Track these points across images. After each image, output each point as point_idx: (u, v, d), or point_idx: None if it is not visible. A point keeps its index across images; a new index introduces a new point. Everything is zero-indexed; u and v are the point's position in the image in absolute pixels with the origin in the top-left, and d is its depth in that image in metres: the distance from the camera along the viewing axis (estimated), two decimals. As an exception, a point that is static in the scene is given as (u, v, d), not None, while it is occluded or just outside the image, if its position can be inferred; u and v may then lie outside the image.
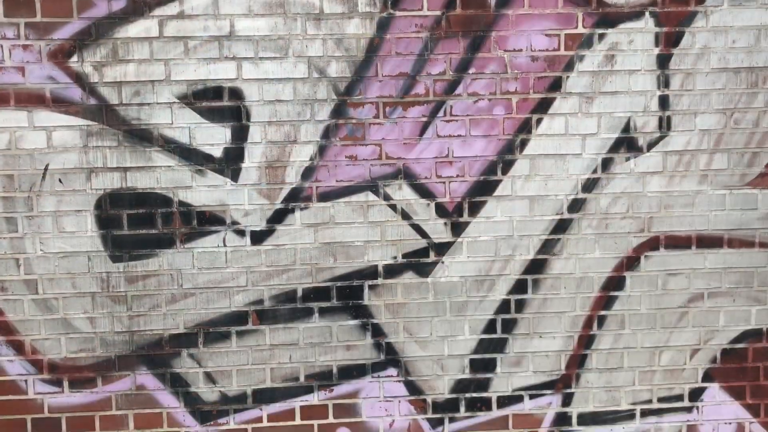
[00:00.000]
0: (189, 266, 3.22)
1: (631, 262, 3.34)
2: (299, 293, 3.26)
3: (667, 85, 3.25)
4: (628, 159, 3.27)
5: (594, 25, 3.20)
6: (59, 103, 3.11)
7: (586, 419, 3.40)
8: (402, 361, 3.32)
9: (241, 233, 3.22)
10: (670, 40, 3.23)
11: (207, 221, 3.20)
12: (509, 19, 3.18)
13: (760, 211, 3.34)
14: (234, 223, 3.21)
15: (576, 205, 3.29)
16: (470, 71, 3.20)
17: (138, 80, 3.12)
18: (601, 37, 3.21)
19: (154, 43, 3.11)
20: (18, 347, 3.20)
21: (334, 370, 3.31)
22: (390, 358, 3.32)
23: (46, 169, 3.13)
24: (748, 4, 3.23)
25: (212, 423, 3.29)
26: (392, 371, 3.32)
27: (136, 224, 3.18)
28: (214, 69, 3.13)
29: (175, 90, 3.13)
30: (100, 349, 3.23)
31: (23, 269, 3.17)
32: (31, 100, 3.10)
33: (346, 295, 3.27)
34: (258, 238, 3.23)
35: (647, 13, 3.21)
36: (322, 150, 3.19)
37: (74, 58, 3.09)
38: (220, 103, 3.15)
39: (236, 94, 3.15)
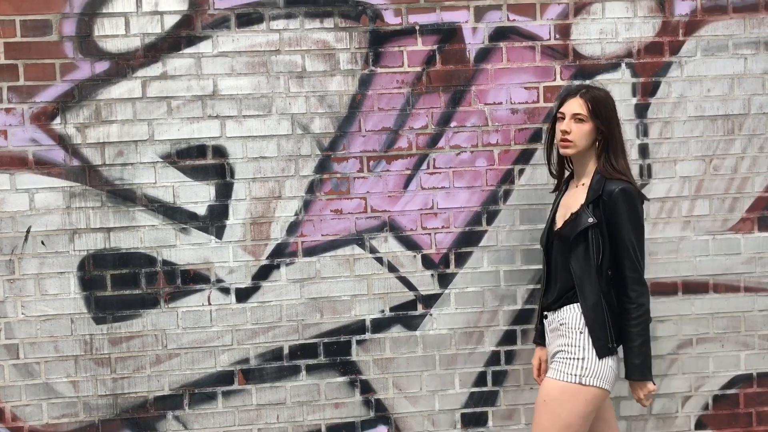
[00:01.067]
0: (173, 326, 3.17)
1: (618, 310, 3.33)
2: (286, 350, 3.22)
3: (646, 133, 3.31)
4: (611, 207, 3.30)
5: (572, 77, 3.27)
6: (42, 165, 3.10)
7: (580, 472, 3.34)
8: (392, 417, 3.27)
9: (225, 291, 3.19)
10: (647, 90, 3.30)
11: (191, 280, 3.17)
12: (488, 74, 3.24)
13: (744, 256, 3.36)
14: (219, 281, 3.19)
15: (561, 254, 3.29)
16: (452, 124, 3.24)
17: (121, 140, 3.13)
18: (579, 88, 3.27)
19: (137, 103, 3.13)
20: (-2, 414, 3.13)
21: (323, 429, 3.25)
22: (380, 415, 3.26)
23: (28, 231, 3.11)
24: (720, 55, 3.31)
25: (199, 488, 3.20)
26: (382, 429, 3.26)
27: (120, 285, 3.15)
28: (197, 128, 3.15)
29: (158, 149, 3.14)
30: (83, 414, 3.15)
31: (4, 334, 3.11)
32: (13, 162, 3.09)
33: (333, 351, 3.23)
34: (243, 295, 3.20)
35: (623, 65, 3.28)
36: (307, 205, 3.19)
37: (57, 120, 3.10)
38: (203, 161, 3.16)
39: (220, 151, 3.16)
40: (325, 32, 3.17)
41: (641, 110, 3.30)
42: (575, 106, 2.71)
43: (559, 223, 2.78)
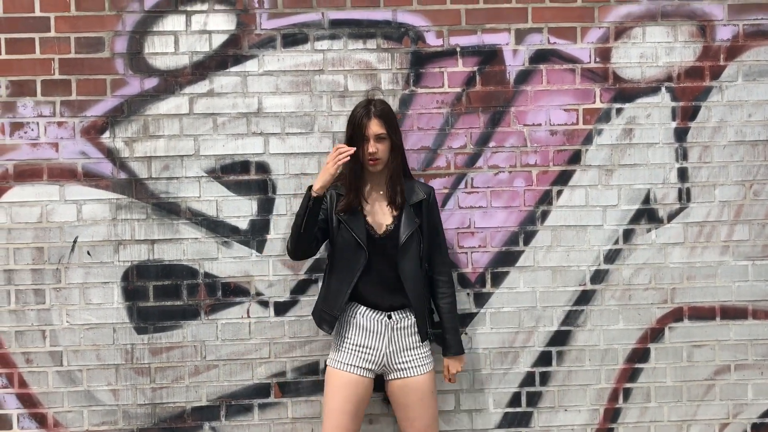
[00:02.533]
0: (213, 338, 3.23)
1: (655, 334, 3.32)
2: (321, 365, 3.25)
3: (685, 157, 3.31)
4: (649, 230, 3.30)
5: (611, 99, 3.28)
6: (90, 178, 3.19)
7: (614, 496, 3.32)
8: (426, 435, 3.27)
9: (264, 304, 3.24)
10: (686, 114, 3.30)
11: (231, 292, 3.23)
12: (528, 95, 3.27)
13: (784, 282, 3.34)
14: (258, 294, 3.24)
15: (599, 276, 3.30)
16: (490, 144, 3.28)
17: (167, 155, 3.21)
18: (619, 111, 3.29)
19: (184, 119, 3.21)
20: (40, 420, 3.20)
21: (357, 444, 3.27)
22: (413, 431, 3.27)
23: (75, 241, 3.19)
24: (762, 80, 3.31)
25: (233, 499, 3.24)
26: (416, 445, 3.26)
27: (162, 296, 3.21)
28: (241, 144, 3.22)
29: (203, 164, 3.22)
30: (122, 422, 3.21)
31: (49, 341, 3.20)
32: (63, 174, 3.19)
33: (368, 367, 3.26)
34: (281, 309, 3.25)
35: (663, 89, 3.29)
36: (346, 222, 3.23)
37: (106, 134, 3.19)
38: (247, 176, 3.22)
39: (263, 167, 3.23)
40: (367, 53, 3.23)
41: (681, 134, 3.30)
42: (376, 127, 2.90)
43: (379, 231, 2.95)
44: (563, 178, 3.29)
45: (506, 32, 3.26)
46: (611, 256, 3.29)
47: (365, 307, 2.97)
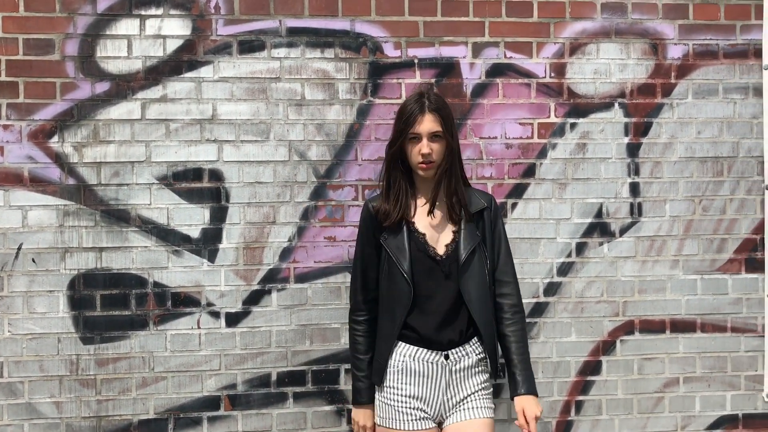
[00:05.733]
0: (161, 349, 3.15)
1: (606, 346, 3.35)
2: (273, 377, 3.20)
3: (637, 172, 3.36)
4: (601, 244, 3.34)
5: (566, 114, 3.33)
6: (37, 183, 3.10)
7: None
8: (378, 448, 3.24)
9: (215, 315, 3.18)
10: (638, 130, 3.36)
11: (181, 302, 3.16)
12: (484, 108, 3.29)
13: (731, 296, 3.40)
14: (209, 304, 3.18)
15: (552, 289, 3.32)
16: (447, 157, 3.28)
17: (118, 161, 3.13)
18: (573, 126, 3.33)
19: (135, 124, 3.14)
20: (-22, 434, 3.07)
21: (309, 458, 3.22)
22: (366, 445, 3.23)
23: (19, 248, 3.09)
24: (711, 98, 3.39)
25: None
26: (369, 459, 3.23)
27: (109, 305, 3.13)
28: (195, 151, 3.16)
29: (155, 171, 3.15)
30: (65, 436, 3.11)
31: (-11, 351, 3.08)
32: (8, 179, 3.09)
33: (321, 380, 3.22)
34: (233, 320, 3.19)
35: (616, 104, 3.35)
36: (300, 231, 3.20)
37: (55, 139, 3.11)
38: (199, 184, 3.17)
39: (216, 175, 3.18)
40: (325, 62, 3.21)
41: (633, 149, 3.36)
42: (430, 123, 2.55)
43: (441, 251, 2.58)
44: (518, 191, 3.31)
45: (463, 45, 3.28)
46: (564, 269, 3.32)
47: (416, 348, 2.55)
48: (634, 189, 3.36)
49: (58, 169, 3.11)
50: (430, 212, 2.61)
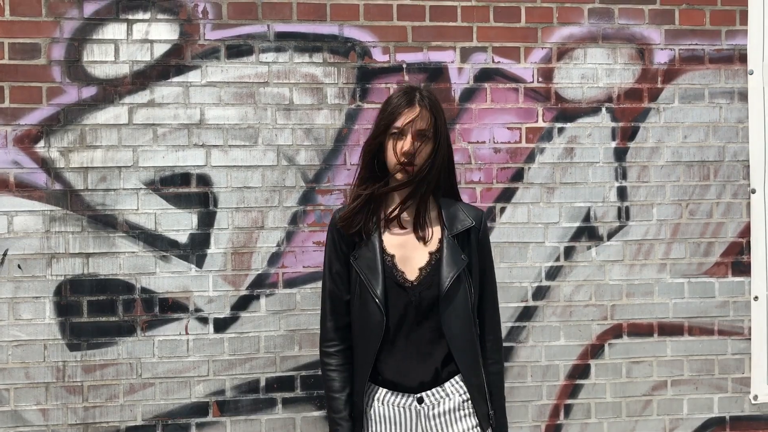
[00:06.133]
0: (149, 355, 3.13)
1: (595, 350, 3.36)
2: (262, 383, 3.19)
3: (624, 176, 3.38)
4: (589, 248, 3.35)
5: (553, 119, 3.34)
6: (23, 188, 3.07)
7: None
8: (367, 453, 3.23)
9: (204, 321, 3.16)
10: (626, 135, 3.38)
11: (169, 308, 3.14)
12: (473, 113, 3.30)
13: (718, 299, 3.42)
14: (197, 310, 3.16)
15: (540, 293, 3.33)
16: (435, 161, 3.28)
17: (105, 166, 3.11)
18: (561, 130, 3.34)
19: (122, 129, 3.13)
20: (-37, 442, 3.04)
21: (298, 464, 3.21)
22: (355, 450, 3.22)
23: (4, 254, 3.07)
24: (697, 103, 3.41)
25: None
26: (358, 464, 3.22)
27: (97, 311, 3.10)
28: (182, 156, 3.15)
29: (142, 176, 3.13)
30: (51, 444, 3.08)
31: (-26, 358, 3.05)
32: (-7, 184, 3.07)
33: (310, 385, 3.21)
34: (221, 325, 3.17)
35: (603, 109, 3.37)
36: (289, 236, 3.19)
37: (41, 144, 3.09)
38: (187, 189, 3.15)
39: (204, 180, 3.16)
40: (313, 66, 3.21)
41: (620, 154, 3.38)
42: (419, 120, 2.13)
43: (411, 276, 2.15)
44: (506, 196, 3.32)
45: (452, 50, 3.29)
46: (552, 273, 3.33)
47: (384, 390, 2.15)
48: (622, 193, 3.37)
49: (44, 175, 3.09)
50: (401, 227, 2.19)
